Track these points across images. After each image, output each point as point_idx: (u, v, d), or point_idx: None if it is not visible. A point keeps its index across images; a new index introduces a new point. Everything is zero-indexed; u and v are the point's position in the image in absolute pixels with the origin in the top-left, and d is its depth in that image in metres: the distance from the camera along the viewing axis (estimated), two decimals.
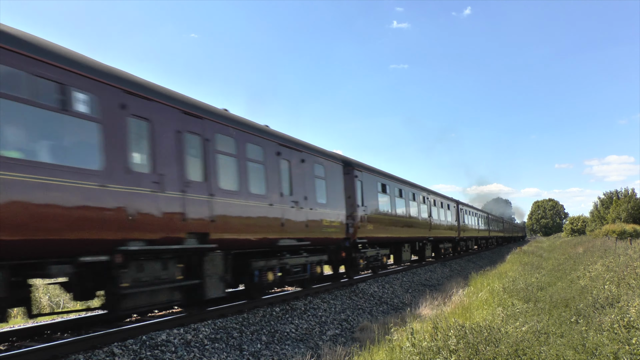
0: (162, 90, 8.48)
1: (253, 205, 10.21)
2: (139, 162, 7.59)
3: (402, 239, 20.68)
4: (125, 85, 7.47)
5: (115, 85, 7.27)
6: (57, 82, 6.33)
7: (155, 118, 7.92)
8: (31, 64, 6.01)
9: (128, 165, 7.27)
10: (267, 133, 11.32)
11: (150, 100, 7.90)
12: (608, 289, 10.32)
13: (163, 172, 7.90)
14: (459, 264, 28.35)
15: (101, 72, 7.14)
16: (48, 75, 6.21)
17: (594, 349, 5.86)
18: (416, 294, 16.55)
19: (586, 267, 15.78)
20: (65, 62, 6.51)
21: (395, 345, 7.24)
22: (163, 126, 8.07)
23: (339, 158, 15.20)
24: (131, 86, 7.62)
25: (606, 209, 78.77)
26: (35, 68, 6.06)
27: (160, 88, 8.50)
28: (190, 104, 9.01)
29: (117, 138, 7.15)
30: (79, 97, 6.63)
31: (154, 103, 7.97)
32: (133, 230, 7.22)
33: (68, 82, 6.46)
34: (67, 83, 6.44)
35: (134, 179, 7.31)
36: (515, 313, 8.99)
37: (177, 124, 8.39)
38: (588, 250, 26.92)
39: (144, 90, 7.87)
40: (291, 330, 9.92)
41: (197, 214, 8.57)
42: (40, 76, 6.11)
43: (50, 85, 6.24)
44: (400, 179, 21.59)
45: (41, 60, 6.14)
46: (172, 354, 7.28)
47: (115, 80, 7.32)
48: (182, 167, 8.34)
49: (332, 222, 13.72)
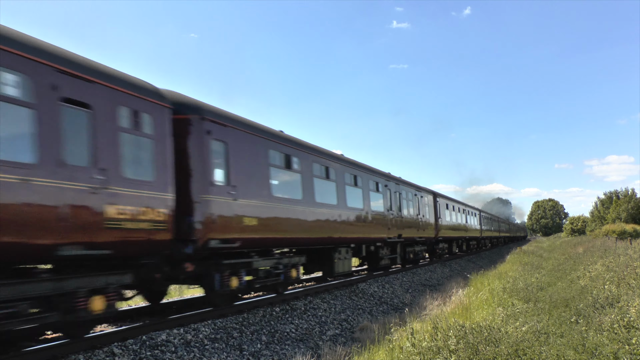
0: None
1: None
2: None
3: (332, 240, 13.72)
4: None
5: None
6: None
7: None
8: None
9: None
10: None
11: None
12: (608, 289, 10.33)
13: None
14: (459, 264, 28.34)
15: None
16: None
17: (594, 349, 5.86)
18: (416, 294, 16.54)
19: (586, 267, 15.78)
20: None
21: (395, 345, 7.25)
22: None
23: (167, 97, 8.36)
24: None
25: (606, 209, 78.82)
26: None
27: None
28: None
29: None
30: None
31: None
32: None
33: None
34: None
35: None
36: (515, 313, 8.99)
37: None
38: (588, 250, 26.93)
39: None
40: (291, 330, 9.92)
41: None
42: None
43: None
44: (327, 152, 14.54)
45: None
46: (172, 354, 7.28)
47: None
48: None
49: (130, 213, 7.20)
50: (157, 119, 7.79)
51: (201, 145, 8.85)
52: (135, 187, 7.23)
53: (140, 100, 7.46)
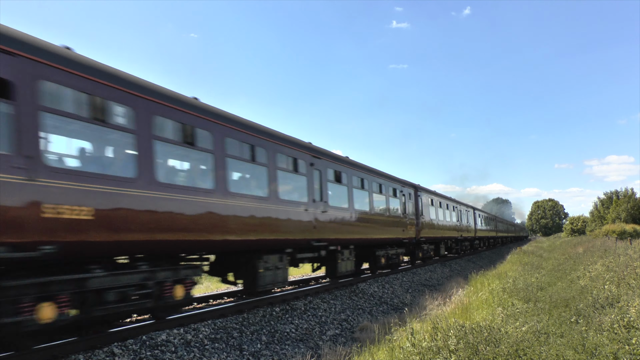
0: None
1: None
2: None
3: (248, 243, 9.70)
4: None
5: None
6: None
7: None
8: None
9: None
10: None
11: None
12: (608, 289, 10.33)
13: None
14: (459, 264, 28.33)
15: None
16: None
17: (593, 349, 5.86)
18: (416, 294, 16.55)
19: (586, 267, 15.80)
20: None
21: (395, 346, 7.25)
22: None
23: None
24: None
25: (606, 209, 78.89)
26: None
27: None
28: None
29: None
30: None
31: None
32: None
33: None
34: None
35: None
36: (515, 313, 8.99)
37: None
38: (588, 250, 26.94)
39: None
40: (291, 330, 9.92)
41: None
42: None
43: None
44: (260, 127, 10.57)
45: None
46: (172, 354, 7.29)
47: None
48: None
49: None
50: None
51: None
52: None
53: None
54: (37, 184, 5.76)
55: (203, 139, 8.66)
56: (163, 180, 7.66)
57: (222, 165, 9.01)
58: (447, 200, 29.57)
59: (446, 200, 29.44)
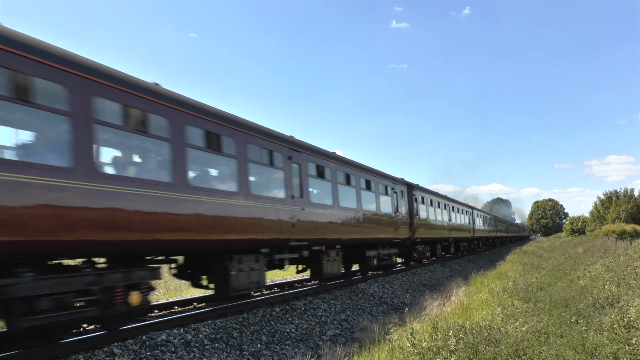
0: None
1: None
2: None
3: (212, 243, 8.71)
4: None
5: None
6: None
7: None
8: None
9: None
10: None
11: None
12: (608, 289, 10.34)
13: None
14: (459, 264, 28.33)
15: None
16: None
17: (593, 349, 5.86)
18: (416, 294, 16.54)
19: (586, 267, 15.81)
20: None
21: (396, 346, 7.25)
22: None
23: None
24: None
25: (606, 209, 78.85)
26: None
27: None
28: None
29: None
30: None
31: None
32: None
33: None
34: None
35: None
36: (515, 313, 8.99)
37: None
38: (588, 250, 26.95)
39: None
40: (291, 330, 9.92)
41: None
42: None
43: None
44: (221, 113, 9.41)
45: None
46: (172, 354, 7.29)
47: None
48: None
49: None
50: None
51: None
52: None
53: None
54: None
55: (159, 127, 7.60)
56: (107, 171, 6.77)
57: (181, 156, 7.97)
58: (444, 200, 28.43)
59: (443, 199, 28.25)
